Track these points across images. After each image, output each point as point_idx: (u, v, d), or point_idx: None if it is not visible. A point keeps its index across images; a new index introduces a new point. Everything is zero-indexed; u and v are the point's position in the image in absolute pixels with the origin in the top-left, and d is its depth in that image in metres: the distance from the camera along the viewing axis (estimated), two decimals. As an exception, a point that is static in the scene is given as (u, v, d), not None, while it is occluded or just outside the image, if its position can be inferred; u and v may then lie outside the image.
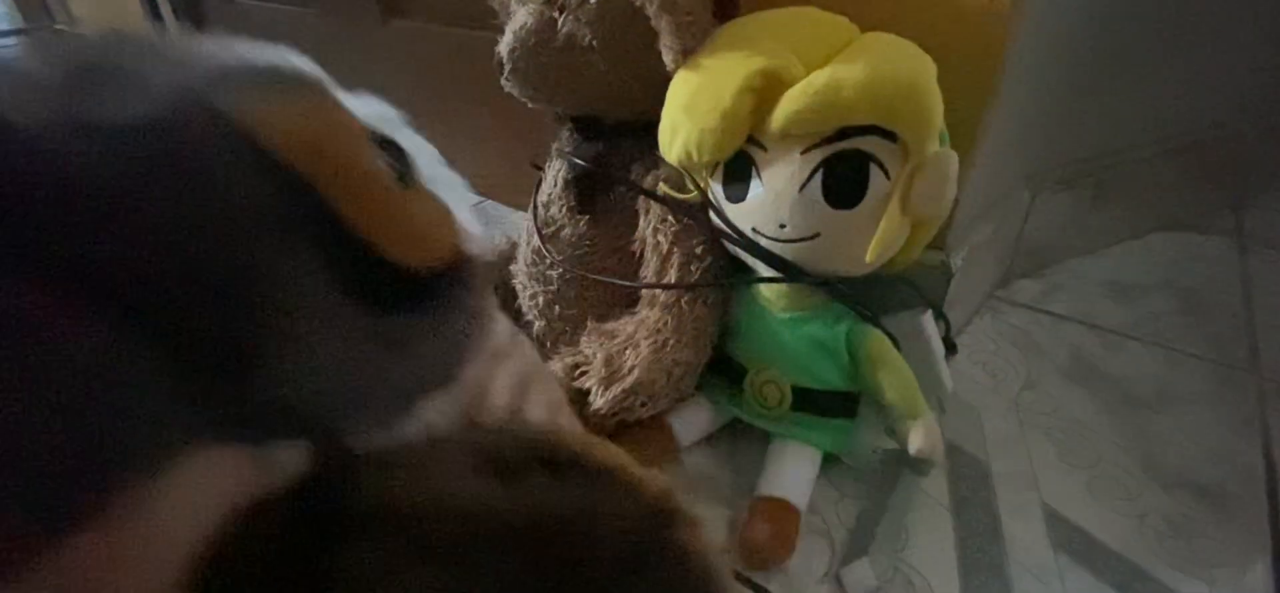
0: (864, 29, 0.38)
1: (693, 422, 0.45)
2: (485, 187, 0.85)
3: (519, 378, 0.23)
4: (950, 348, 0.52)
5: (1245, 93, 0.68)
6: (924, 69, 0.34)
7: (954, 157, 0.34)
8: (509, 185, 0.81)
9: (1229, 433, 0.46)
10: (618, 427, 0.43)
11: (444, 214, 0.20)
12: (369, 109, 0.20)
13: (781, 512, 0.39)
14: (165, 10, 1.17)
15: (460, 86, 0.79)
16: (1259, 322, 0.57)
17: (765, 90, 0.35)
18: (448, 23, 0.76)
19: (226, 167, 0.14)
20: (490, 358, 0.22)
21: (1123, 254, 0.67)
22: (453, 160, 0.22)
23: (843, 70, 0.33)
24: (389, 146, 0.19)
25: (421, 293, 0.18)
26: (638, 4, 0.38)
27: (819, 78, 0.33)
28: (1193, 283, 0.63)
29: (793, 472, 0.40)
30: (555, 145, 0.52)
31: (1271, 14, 0.63)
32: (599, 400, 0.40)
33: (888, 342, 0.40)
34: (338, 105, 0.17)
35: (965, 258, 0.49)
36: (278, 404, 0.15)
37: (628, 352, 0.41)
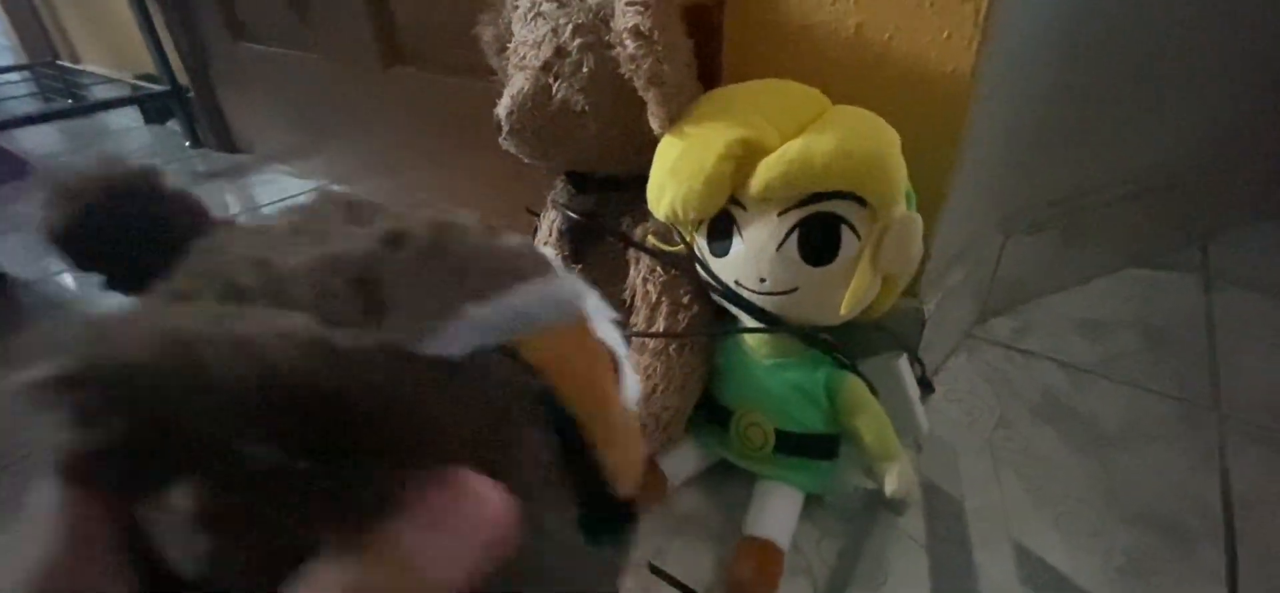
0: (835, 99, 0.41)
1: (681, 463, 0.47)
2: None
3: None
4: (928, 388, 0.55)
5: (1208, 137, 0.72)
6: (888, 140, 0.37)
7: (918, 219, 0.37)
8: (506, 224, 0.84)
9: (1190, 469, 0.48)
10: (610, 469, 0.45)
11: (638, 434, 0.21)
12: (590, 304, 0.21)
13: (766, 552, 0.40)
14: (171, 55, 1.21)
15: (458, 131, 0.82)
16: (1221, 359, 0.60)
17: (744, 157, 0.37)
18: (445, 71, 0.79)
19: (522, 411, 0.15)
20: None
21: (1093, 292, 0.70)
22: (451, 202, 0.23)
23: (814, 141, 0.36)
24: (607, 350, 0.20)
25: (624, 522, 0.19)
26: (627, 75, 0.41)
27: (792, 148, 0.36)
28: (1159, 320, 0.66)
29: (776, 513, 0.42)
30: (550, 195, 0.54)
31: (1231, 63, 0.67)
32: (592, 445, 0.42)
33: (864, 387, 0.42)
34: (596, 339, 0.18)
35: (939, 303, 0.51)
36: None
37: (619, 398, 0.44)
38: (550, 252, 0.52)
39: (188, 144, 1.32)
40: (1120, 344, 0.62)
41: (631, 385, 0.23)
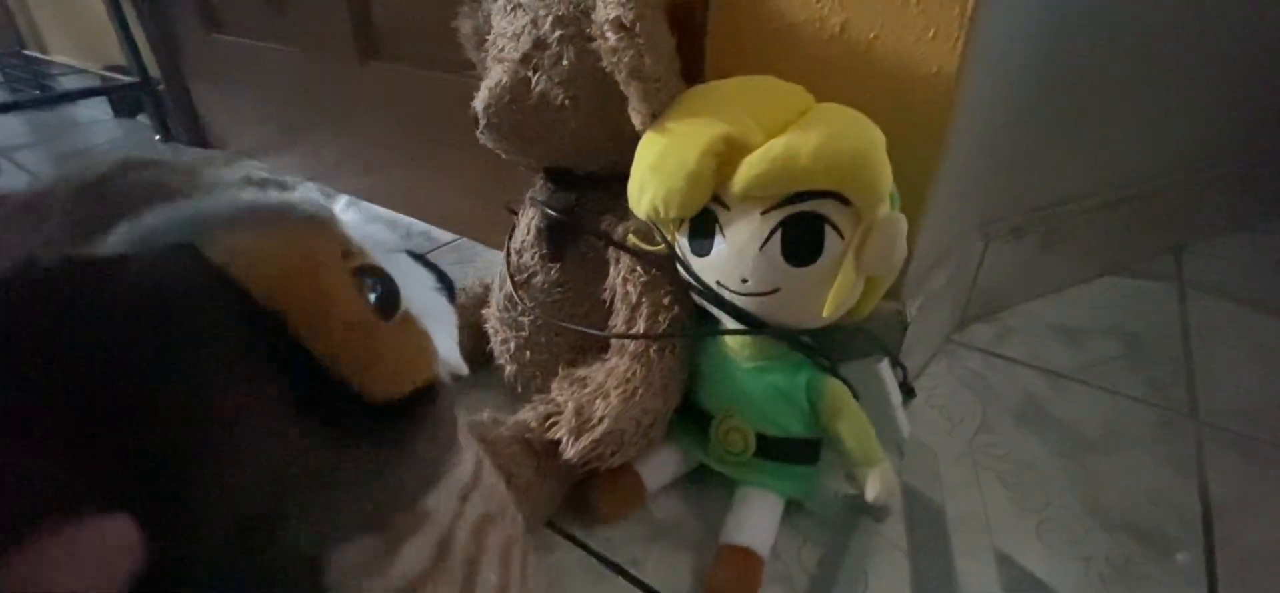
0: (819, 96, 0.40)
1: (660, 468, 0.46)
2: (460, 226, 0.86)
3: (480, 518, 0.22)
4: (909, 393, 0.54)
5: (1183, 146, 0.73)
6: (873, 139, 0.36)
7: (903, 220, 0.37)
8: (483, 224, 0.82)
9: (1168, 475, 0.48)
10: (587, 474, 0.43)
11: (419, 348, 0.20)
12: (370, 233, 0.21)
13: (745, 559, 0.39)
14: (141, 46, 1.17)
15: (436, 128, 0.80)
16: (1197, 365, 0.61)
17: (727, 154, 0.37)
18: (424, 67, 0.77)
19: (193, 302, 0.15)
20: (458, 495, 0.21)
21: (1070, 299, 0.71)
22: (429, 200, 0.24)
23: (798, 139, 0.35)
24: (376, 276, 0.20)
25: (387, 422, 0.19)
26: (608, 69, 0.40)
27: (776, 146, 0.35)
28: (1136, 327, 0.66)
29: (756, 519, 0.41)
30: (529, 193, 0.53)
31: (1205, 77, 0.68)
32: (570, 451, 0.41)
33: (846, 391, 0.42)
34: (322, 241, 0.18)
35: (921, 306, 0.51)
36: (221, 513, 0.15)
37: (598, 401, 0.42)
38: (530, 249, 0.51)
39: (158, 138, 1.28)
40: (1098, 351, 0.62)
41: (440, 312, 0.23)
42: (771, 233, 0.37)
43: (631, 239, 0.45)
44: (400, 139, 0.86)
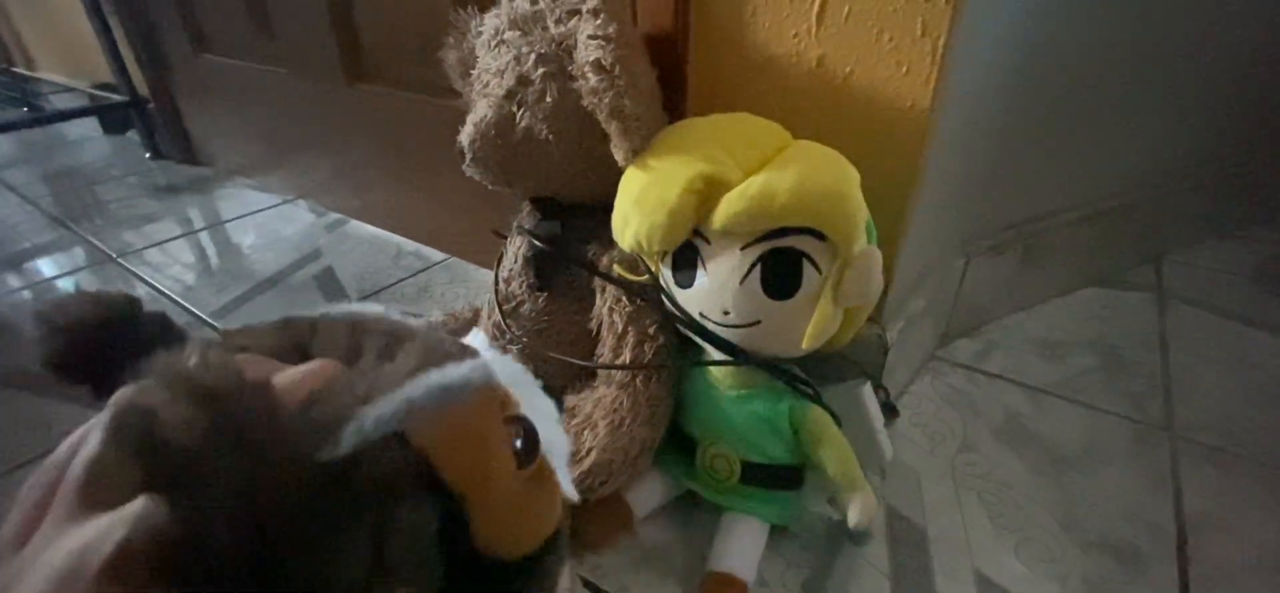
0: (798, 128, 0.41)
1: (647, 495, 0.46)
2: (450, 245, 0.86)
3: None
4: (892, 413, 0.55)
5: (1160, 159, 0.74)
6: (848, 177, 0.37)
7: (878, 253, 0.37)
8: (474, 243, 0.83)
9: (1145, 491, 0.49)
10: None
11: (550, 498, 0.22)
12: (505, 371, 0.22)
13: (731, 586, 0.40)
14: (130, 65, 1.17)
15: (423, 149, 0.81)
16: (1175, 377, 0.62)
17: (707, 192, 0.37)
18: (411, 89, 0.78)
19: (402, 489, 0.17)
20: None
21: (1052, 312, 0.72)
22: (419, 220, 0.24)
23: (775, 178, 0.36)
24: (520, 425, 0.21)
25: (513, 576, 0.20)
26: (588, 108, 0.40)
27: (754, 184, 0.36)
28: (1115, 339, 0.67)
29: (741, 545, 0.42)
30: (516, 220, 0.54)
31: (1180, 89, 0.70)
32: (556, 481, 0.42)
33: (828, 418, 0.43)
34: (491, 409, 0.20)
35: (902, 329, 0.52)
36: None
37: (586, 432, 0.43)
38: (518, 278, 0.51)
39: (148, 156, 1.28)
40: (1078, 364, 0.64)
41: (559, 446, 0.24)
42: (751, 267, 0.38)
43: (617, 269, 0.45)
44: (388, 160, 0.86)
